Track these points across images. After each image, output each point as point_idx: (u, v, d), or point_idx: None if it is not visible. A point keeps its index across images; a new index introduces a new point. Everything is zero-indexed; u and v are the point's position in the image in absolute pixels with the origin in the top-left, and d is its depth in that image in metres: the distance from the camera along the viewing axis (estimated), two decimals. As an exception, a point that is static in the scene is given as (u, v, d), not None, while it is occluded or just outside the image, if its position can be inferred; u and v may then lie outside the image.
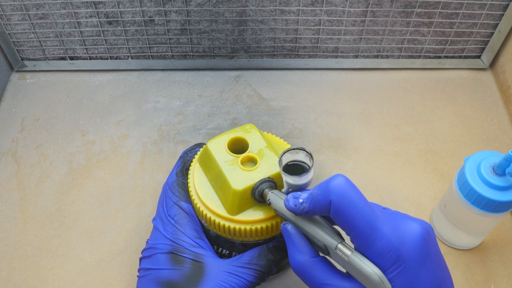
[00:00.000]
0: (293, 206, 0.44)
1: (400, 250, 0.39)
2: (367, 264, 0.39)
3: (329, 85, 0.81)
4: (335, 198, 0.40)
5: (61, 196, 0.67)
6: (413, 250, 0.39)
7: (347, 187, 0.41)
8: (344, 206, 0.40)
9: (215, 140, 0.53)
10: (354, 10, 0.75)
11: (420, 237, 0.40)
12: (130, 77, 0.82)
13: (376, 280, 0.38)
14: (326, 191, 0.41)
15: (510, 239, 0.64)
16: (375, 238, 0.39)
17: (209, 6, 0.75)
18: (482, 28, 0.78)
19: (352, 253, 0.40)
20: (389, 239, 0.39)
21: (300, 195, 0.44)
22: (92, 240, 0.64)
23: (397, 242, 0.39)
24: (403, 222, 0.41)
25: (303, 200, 0.43)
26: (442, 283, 0.41)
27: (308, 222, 0.44)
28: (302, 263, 0.44)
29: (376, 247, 0.39)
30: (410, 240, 0.39)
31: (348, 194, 0.40)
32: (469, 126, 0.76)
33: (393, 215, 0.42)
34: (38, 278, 0.60)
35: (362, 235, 0.40)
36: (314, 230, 0.43)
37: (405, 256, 0.39)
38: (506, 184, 0.52)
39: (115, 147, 0.73)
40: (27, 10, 0.75)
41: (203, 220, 0.52)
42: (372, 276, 0.38)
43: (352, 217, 0.40)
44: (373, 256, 0.40)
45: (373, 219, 0.40)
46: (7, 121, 0.76)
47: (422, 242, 0.40)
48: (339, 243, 0.41)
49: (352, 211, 0.40)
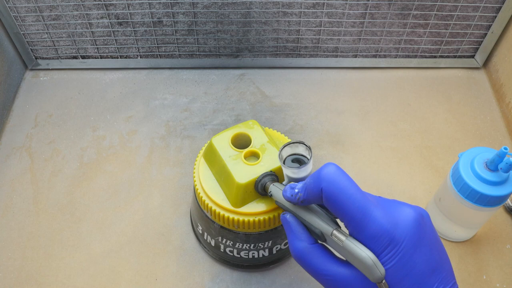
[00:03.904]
0: (289, 196, 0.43)
1: (392, 233, 0.38)
2: (360, 249, 0.38)
3: (329, 83, 0.80)
4: (325, 185, 0.40)
5: (72, 189, 0.67)
6: (406, 233, 0.38)
7: (337, 174, 0.40)
8: (335, 193, 0.39)
9: (219, 136, 0.53)
10: (354, 12, 0.75)
11: (413, 221, 0.39)
12: (139, 75, 0.81)
13: (369, 264, 0.37)
14: (317, 179, 0.40)
15: (502, 232, 0.64)
16: (367, 223, 0.38)
17: (215, 8, 0.74)
18: (476, 29, 0.78)
19: (347, 238, 0.40)
20: (381, 223, 0.38)
21: (296, 186, 0.43)
22: (101, 231, 0.63)
23: (390, 226, 0.38)
24: (396, 207, 0.40)
25: (298, 190, 0.42)
26: (438, 266, 0.40)
27: (305, 211, 0.44)
28: (301, 249, 0.43)
29: (368, 231, 0.38)
30: (402, 223, 0.38)
31: (338, 181, 0.39)
32: (463, 123, 0.75)
33: (388, 202, 0.41)
34: (50, 267, 0.60)
35: (354, 220, 0.39)
36: (311, 218, 0.43)
37: (398, 239, 0.38)
38: (498, 179, 0.52)
39: (124, 142, 0.72)
40: (41, 12, 0.74)
41: (208, 212, 0.52)
42: (365, 259, 0.38)
43: (343, 203, 0.39)
44: (366, 240, 0.39)
45: (365, 204, 0.39)
46: (21, 118, 0.75)
47: (416, 225, 0.38)
48: (334, 229, 0.41)
49: (343, 197, 0.39)
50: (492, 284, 0.59)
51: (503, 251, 0.62)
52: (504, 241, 0.63)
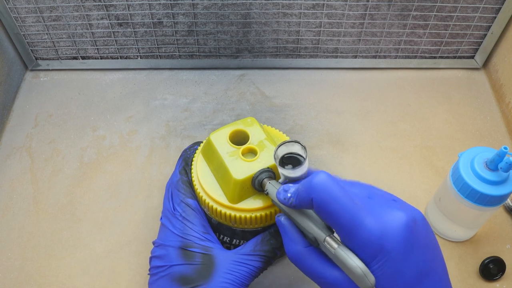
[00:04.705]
0: (282, 199, 0.43)
1: (382, 242, 0.37)
2: (351, 258, 0.38)
3: (329, 84, 0.80)
4: (316, 196, 0.39)
5: (72, 189, 0.67)
6: (395, 241, 0.37)
7: (327, 184, 0.39)
8: (325, 203, 0.39)
9: (217, 132, 0.53)
10: (353, 13, 0.75)
11: (403, 227, 0.38)
12: (139, 75, 0.81)
13: (359, 274, 0.38)
14: (308, 189, 0.40)
15: (502, 232, 0.63)
16: (357, 232, 0.38)
17: (215, 9, 0.74)
18: (476, 30, 0.78)
19: (339, 246, 0.39)
20: (371, 232, 0.38)
21: (289, 189, 0.43)
22: (101, 231, 0.63)
23: (379, 234, 0.37)
24: (388, 212, 0.39)
25: (290, 195, 0.42)
26: (431, 270, 0.39)
27: (299, 214, 0.44)
28: (295, 252, 0.43)
29: (359, 240, 0.38)
30: (392, 231, 0.38)
31: (328, 191, 0.39)
32: (463, 123, 0.75)
33: (381, 203, 0.41)
34: (50, 267, 0.60)
35: (345, 229, 0.39)
36: (304, 222, 0.43)
37: (387, 247, 0.37)
38: (498, 179, 0.52)
39: (124, 142, 0.72)
40: (41, 13, 0.74)
41: (206, 208, 0.52)
42: (355, 269, 0.38)
43: (333, 213, 0.39)
44: (357, 249, 0.38)
45: (355, 213, 0.38)
46: (21, 118, 0.75)
47: (406, 232, 0.38)
48: (327, 236, 0.41)
49: (333, 207, 0.39)
50: (492, 284, 0.59)
51: (503, 251, 0.62)
52: (504, 241, 0.63)
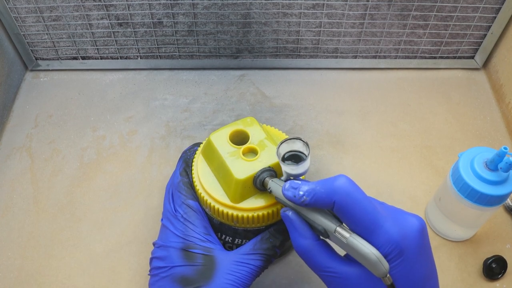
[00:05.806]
0: (292, 196, 0.43)
1: (401, 244, 0.39)
2: (364, 245, 0.39)
3: (329, 84, 0.80)
4: (339, 199, 0.40)
5: (72, 189, 0.67)
6: (412, 244, 0.40)
7: (350, 188, 0.41)
8: (348, 206, 0.40)
9: (217, 132, 0.53)
10: (353, 13, 0.74)
11: (419, 232, 0.40)
12: (139, 76, 0.81)
13: (374, 260, 0.38)
14: (330, 192, 0.41)
15: (502, 231, 0.63)
16: (379, 234, 0.40)
17: (215, 9, 0.74)
18: (476, 30, 0.78)
19: (351, 235, 0.40)
20: (392, 235, 0.39)
21: (299, 186, 0.43)
22: (101, 231, 0.63)
23: (399, 237, 0.39)
24: (402, 217, 0.41)
25: (303, 193, 0.42)
26: (432, 274, 0.42)
27: (306, 208, 0.44)
28: (304, 246, 0.44)
29: (379, 241, 0.40)
30: (410, 234, 0.40)
31: (351, 194, 0.40)
32: (463, 123, 0.75)
33: (391, 210, 0.43)
34: (50, 267, 0.60)
35: (366, 230, 0.40)
36: (313, 215, 0.43)
37: (405, 249, 0.39)
38: (498, 179, 0.52)
39: (124, 142, 0.72)
40: (41, 13, 0.74)
41: (207, 208, 0.52)
42: (370, 256, 0.39)
43: (356, 216, 0.40)
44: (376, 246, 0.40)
45: (376, 216, 0.40)
46: (21, 118, 0.75)
47: (421, 236, 0.40)
48: (337, 227, 0.41)
49: (356, 211, 0.40)
50: (492, 284, 0.59)
51: (503, 251, 0.61)
52: (504, 241, 0.62)
